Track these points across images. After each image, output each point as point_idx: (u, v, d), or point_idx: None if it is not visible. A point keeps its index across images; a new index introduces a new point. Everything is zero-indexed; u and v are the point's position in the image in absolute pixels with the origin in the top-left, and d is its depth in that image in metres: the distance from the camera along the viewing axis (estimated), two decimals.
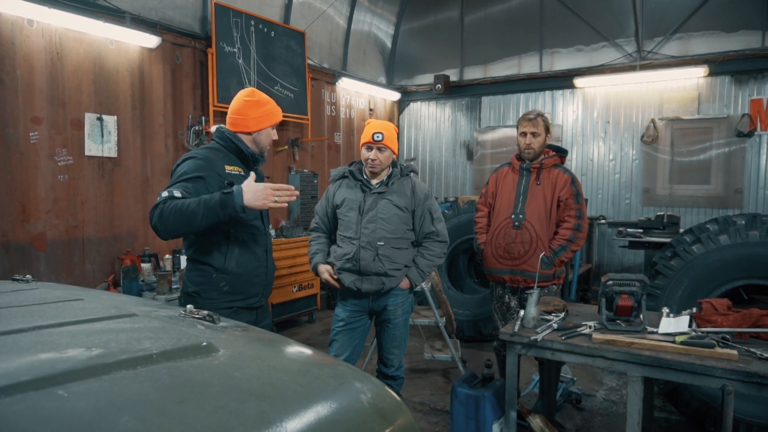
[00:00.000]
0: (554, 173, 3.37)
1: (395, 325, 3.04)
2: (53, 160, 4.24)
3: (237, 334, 1.37)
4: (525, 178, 3.41)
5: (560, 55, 7.33)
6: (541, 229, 3.32)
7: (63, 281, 4.32)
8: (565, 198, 3.32)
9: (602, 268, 7.11)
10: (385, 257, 2.89)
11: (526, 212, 3.33)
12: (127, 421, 0.85)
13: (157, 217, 2.14)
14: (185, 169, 2.28)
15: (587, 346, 2.47)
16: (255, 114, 2.48)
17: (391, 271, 2.91)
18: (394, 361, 3.13)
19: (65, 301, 1.50)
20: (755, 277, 3.33)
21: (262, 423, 0.92)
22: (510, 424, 2.78)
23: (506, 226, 3.38)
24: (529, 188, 3.37)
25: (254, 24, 5.75)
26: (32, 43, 4.11)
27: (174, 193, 2.17)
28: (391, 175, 2.96)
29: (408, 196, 2.94)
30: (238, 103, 2.50)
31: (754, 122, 6.15)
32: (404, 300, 3.05)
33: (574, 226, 3.32)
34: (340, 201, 2.98)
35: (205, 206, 2.12)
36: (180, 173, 2.28)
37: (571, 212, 3.33)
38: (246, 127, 2.48)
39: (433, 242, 3.02)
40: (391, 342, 3.08)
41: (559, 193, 3.32)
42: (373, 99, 8.25)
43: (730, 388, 2.18)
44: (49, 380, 0.92)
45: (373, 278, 2.91)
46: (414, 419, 1.14)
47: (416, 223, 2.98)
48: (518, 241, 3.33)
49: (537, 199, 3.34)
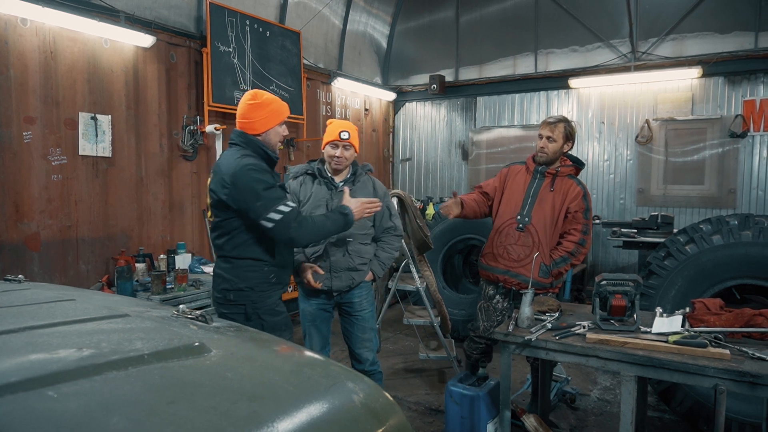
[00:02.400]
0: (567, 183, 3.33)
1: (363, 317, 3.17)
2: (47, 160, 4.22)
3: (229, 335, 1.37)
4: (537, 181, 3.35)
5: (555, 55, 7.35)
6: (544, 235, 3.28)
7: (57, 281, 4.30)
8: (574, 211, 3.28)
9: (597, 268, 7.13)
10: (354, 252, 3.04)
11: (533, 216, 3.29)
12: (117, 421, 0.85)
13: (294, 231, 2.44)
14: (267, 180, 2.46)
15: (581, 345, 2.48)
16: (260, 115, 2.58)
17: (359, 265, 3.07)
18: (368, 355, 3.19)
19: (57, 302, 1.50)
20: (748, 276, 3.35)
21: (254, 423, 0.92)
22: (504, 424, 2.79)
23: (510, 226, 3.34)
24: (540, 192, 3.32)
25: (249, 24, 5.74)
26: (26, 42, 4.09)
27: (292, 205, 2.47)
28: (356, 174, 3.11)
29: (371, 193, 3.10)
30: (242, 108, 2.60)
31: (747, 123, 6.18)
32: (368, 292, 3.22)
33: (578, 240, 3.28)
34: (305, 197, 3.07)
35: (333, 224, 2.60)
36: (265, 186, 2.44)
37: (578, 226, 3.30)
38: (254, 129, 2.58)
39: (392, 236, 3.21)
40: (361, 335, 3.17)
41: (569, 204, 3.28)
42: (368, 99, 8.25)
43: (723, 388, 2.19)
44: (39, 381, 0.91)
45: (342, 274, 3.04)
46: (406, 419, 1.15)
47: (377, 218, 3.14)
48: (520, 243, 3.29)
49: (545, 205, 3.29)
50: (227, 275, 2.56)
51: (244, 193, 2.41)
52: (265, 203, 2.40)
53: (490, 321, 3.43)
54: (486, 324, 3.44)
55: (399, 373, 4.70)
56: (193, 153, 5.38)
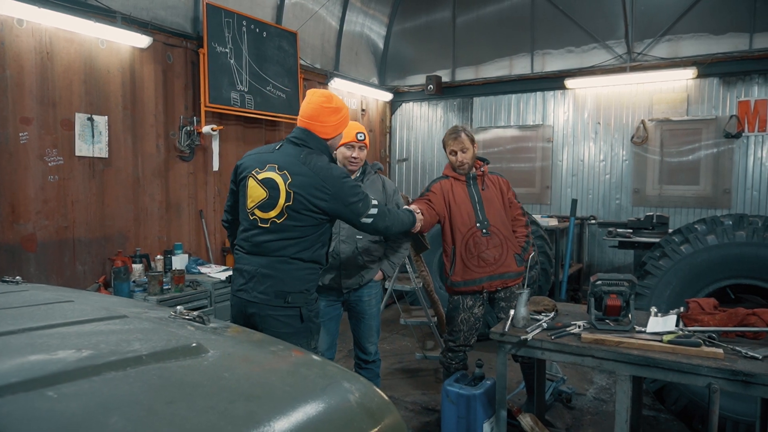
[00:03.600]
0: (493, 178, 3.57)
1: (370, 315, 3.25)
2: (43, 161, 4.22)
3: (227, 335, 1.38)
4: (473, 187, 3.48)
5: (551, 56, 7.37)
6: (506, 230, 3.45)
7: (53, 282, 4.30)
8: (510, 198, 3.56)
9: (592, 267, 7.15)
10: (364, 250, 3.10)
11: (489, 218, 3.41)
12: (116, 421, 0.86)
13: (389, 221, 2.60)
14: (357, 186, 2.54)
15: (576, 345, 2.50)
16: (335, 120, 2.56)
17: (369, 263, 3.13)
18: (372, 348, 3.33)
19: (55, 303, 1.50)
20: (742, 276, 3.37)
21: (251, 423, 0.93)
22: (500, 423, 2.80)
23: (474, 235, 3.39)
24: (482, 195, 3.47)
25: (246, 24, 5.75)
26: (22, 42, 4.08)
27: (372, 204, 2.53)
28: (365, 173, 3.18)
29: (380, 191, 3.18)
30: (316, 109, 2.54)
31: (742, 123, 6.22)
32: (377, 291, 3.28)
33: (526, 222, 3.59)
34: None
35: (407, 217, 2.82)
36: (357, 185, 2.53)
37: (519, 211, 3.59)
38: (326, 134, 2.55)
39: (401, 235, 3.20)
40: (368, 332, 3.28)
41: (507, 194, 3.55)
42: (365, 99, 8.26)
43: (716, 386, 2.21)
44: (38, 382, 0.92)
45: (352, 272, 3.10)
46: (402, 418, 1.16)
47: None
48: (491, 246, 3.38)
49: (493, 204, 3.46)
50: (286, 277, 2.47)
51: (347, 197, 2.43)
52: (365, 202, 2.48)
53: (472, 329, 3.49)
54: (467, 333, 3.49)
55: (395, 373, 4.71)
56: (190, 154, 5.39)
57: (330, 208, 2.44)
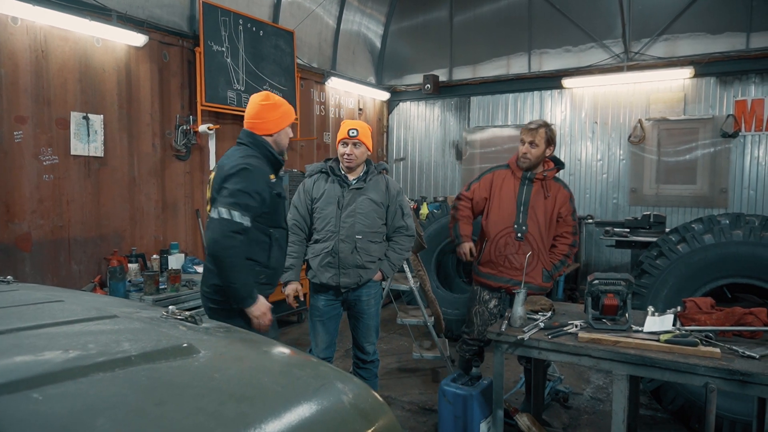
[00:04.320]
0: (555, 187, 3.40)
1: (369, 315, 3.25)
2: (38, 160, 4.19)
3: (219, 335, 1.37)
4: (526, 187, 3.37)
5: (548, 55, 7.36)
6: (541, 241, 3.37)
7: (48, 282, 4.27)
8: (565, 215, 3.40)
9: (590, 267, 7.15)
10: (363, 250, 3.08)
11: (528, 224, 3.34)
12: (103, 423, 0.84)
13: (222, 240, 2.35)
14: (252, 187, 2.43)
15: (573, 345, 2.49)
16: (274, 116, 2.64)
17: (367, 263, 3.11)
18: (370, 348, 3.33)
19: (45, 303, 1.49)
20: (739, 275, 3.37)
21: (242, 424, 0.92)
22: (497, 423, 2.79)
23: (508, 235, 3.36)
24: (531, 199, 3.35)
25: (243, 23, 5.72)
26: (16, 41, 4.06)
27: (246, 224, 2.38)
28: (368, 172, 3.16)
29: (383, 192, 3.15)
30: (254, 108, 2.64)
31: (739, 123, 6.22)
32: (376, 291, 3.28)
33: (571, 242, 3.44)
34: (318, 194, 3.14)
35: (243, 284, 2.41)
36: (245, 188, 2.41)
37: (569, 228, 3.43)
38: (266, 130, 2.63)
39: (403, 236, 3.25)
40: (366, 332, 3.29)
41: (560, 209, 3.38)
42: (362, 99, 8.24)
43: (713, 386, 2.20)
44: (24, 383, 0.91)
45: (351, 271, 3.09)
46: (396, 419, 1.14)
47: (389, 217, 3.19)
48: (521, 252, 3.32)
49: (539, 213, 3.35)
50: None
51: (225, 182, 2.44)
52: (229, 199, 2.38)
53: (486, 324, 3.46)
54: (481, 328, 3.47)
55: (393, 372, 4.70)
56: (186, 153, 5.36)
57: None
